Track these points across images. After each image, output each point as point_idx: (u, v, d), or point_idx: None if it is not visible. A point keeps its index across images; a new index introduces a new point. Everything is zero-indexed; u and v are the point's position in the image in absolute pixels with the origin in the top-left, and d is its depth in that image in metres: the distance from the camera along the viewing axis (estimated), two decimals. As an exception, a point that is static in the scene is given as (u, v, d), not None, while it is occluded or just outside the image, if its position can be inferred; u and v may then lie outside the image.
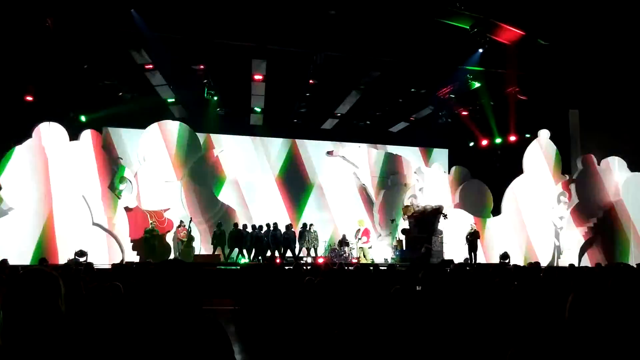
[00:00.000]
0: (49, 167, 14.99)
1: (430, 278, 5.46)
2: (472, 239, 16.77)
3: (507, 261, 15.73)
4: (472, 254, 16.70)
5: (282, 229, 16.84)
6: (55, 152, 15.14)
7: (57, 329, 2.09)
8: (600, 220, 17.19)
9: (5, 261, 10.32)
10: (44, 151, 15.00)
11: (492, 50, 15.50)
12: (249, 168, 20.13)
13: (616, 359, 2.01)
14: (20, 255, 13.67)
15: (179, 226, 16.56)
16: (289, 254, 16.69)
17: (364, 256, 17.38)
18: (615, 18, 13.84)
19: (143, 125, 17.86)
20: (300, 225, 18.04)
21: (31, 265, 12.21)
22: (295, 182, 20.58)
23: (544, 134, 18.34)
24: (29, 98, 15.34)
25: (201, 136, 18.69)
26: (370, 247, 18.06)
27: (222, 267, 14.70)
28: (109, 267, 12.44)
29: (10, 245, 13.75)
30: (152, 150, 17.58)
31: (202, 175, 18.09)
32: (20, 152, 14.74)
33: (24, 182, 14.60)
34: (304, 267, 11.80)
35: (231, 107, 18.94)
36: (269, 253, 16.28)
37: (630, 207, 17.17)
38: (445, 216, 17.56)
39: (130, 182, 16.84)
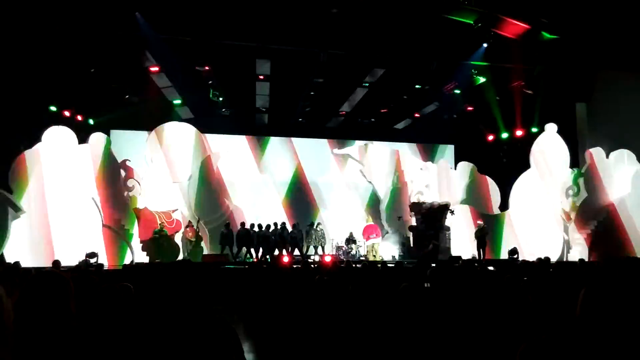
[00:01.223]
0: (59, 170, 15.10)
1: (438, 275, 5.46)
2: (481, 235, 16.71)
3: (515, 257, 15.68)
4: (481, 250, 16.64)
5: (289, 228, 16.86)
6: (65, 155, 15.25)
7: (68, 331, 2.11)
8: (610, 214, 17.06)
9: (17, 264, 10.40)
10: (53, 155, 15.10)
11: (496, 44, 15.42)
12: (254, 168, 20.16)
13: (630, 356, 2.00)
14: (32, 257, 13.80)
15: (187, 226, 16.62)
16: (296, 252, 16.71)
17: (374, 254, 17.13)
18: (622, 10, 13.73)
19: (150, 127, 17.94)
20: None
21: (44, 268, 12.32)
22: (300, 181, 20.59)
23: (551, 127, 18.22)
24: (38, 102, 15.43)
25: (207, 137, 18.73)
26: (376, 244, 17.89)
27: (230, 266, 14.75)
28: (119, 267, 12.52)
29: (23, 247, 13.88)
30: (159, 152, 17.66)
31: (208, 175, 18.14)
32: (31, 156, 14.86)
33: (35, 186, 14.72)
34: (312, 266, 11.81)
35: (236, 108, 18.98)
36: (276, 252, 16.31)
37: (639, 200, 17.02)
38: (452, 212, 17.51)
39: (138, 183, 16.94)
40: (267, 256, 16.09)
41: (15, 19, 12.69)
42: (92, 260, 13.52)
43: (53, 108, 15.87)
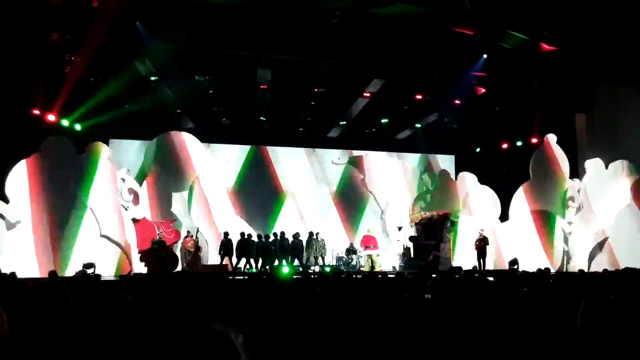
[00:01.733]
0: (57, 179, 15.06)
1: (439, 286, 5.44)
2: (481, 245, 16.65)
3: (516, 267, 15.62)
4: (481, 260, 16.57)
5: (290, 238, 16.81)
6: (63, 164, 15.22)
7: (65, 344, 2.09)
8: (609, 225, 17.04)
9: (13, 274, 10.33)
10: (51, 164, 15.08)
11: (497, 55, 15.50)
12: (254, 177, 20.17)
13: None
14: (29, 268, 13.74)
15: (186, 236, 16.57)
16: (296, 262, 16.65)
17: (372, 265, 17.00)
18: (621, 21, 13.81)
19: (149, 137, 17.95)
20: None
21: (40, 279, 12.27)
22: (301, 191, 20.59)
23: (551, 138, 18.25)
24: (36, 112, 15.46)
25: (207, 146, 18.74)
26: (378, 255, 17.82)
27: (230, 276, 14.68)
28: (117, 278, 12.46)
29: (19, 258, 13.81)
30: (159, 161, 17.64)
31: (208, 185, 18.12)
32: (28, 166, 14.83)
33: (32, 195, 14.68)
34: (312, 276, 11.75)
35: (236, 117, 19.01)
36: (276, 262, 16.24)
37: (639, 211, 17.00)
38: (452, 223, 17.47)
39: (137, 193, 16.91)
40: (267, 267, 16.03)
41: (15, 27, 12.74)
42: (90, 271, 13.43)
43: (51, 117, 15.88)
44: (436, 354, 3.45)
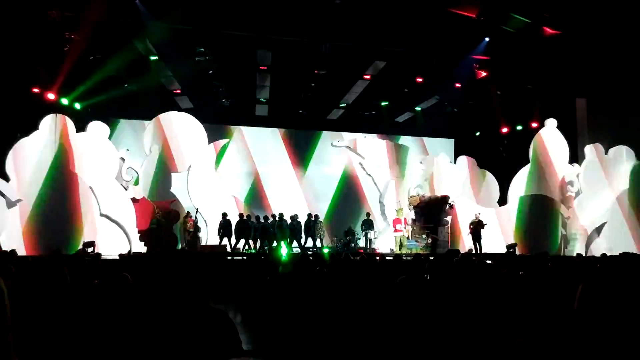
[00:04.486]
0: (57, 158, 15.05)
1: (436, 268, 5.47)
2: (476, 228, 16.68)
3: (513, 251, 15.72)
4: (477, 243, 16.62)
5: (288, 220, 16.87)
6: (63, 143, 15.19)
7: (64, 319, 2.10)
8: (608, 210, 17.11)
9: (14, 252, 10.39)
10: (51, 143, 15.05)
11: (498, 38, 15.39)
12: (253, 159, 20.16)
13: (627, 350, 2.00)
14: (29, 246, 13.80)
15: (186, 217, 16.61)
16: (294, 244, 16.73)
17: (400, 246, 17.06)
18: (623, 5, 13.68)
19: (149, 117, 17.89)
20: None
21: (41, 256, 12.36)
22: (300, 173, 20.60)
23: (551, 122, 18.19)
24: (36, 90, 15.37)
25: (206, 127, 18.69)
26: (402, 237, 17.72)
27: (229, 257, 14.76)
28: (117, 257, 12.51)
29: (19, 236, 13.87)
30: (158, 142, 17.61)
31: (207, 165, 18.11)
32: (28, 144, 14.81)
33: (32, 174, 14.68)
34: (310, 258, 11.81)
35: (236, 98, 18.93)
36: (275, 243, 16.32)
37: (637, 196, 17.05)
38: (451, 206, 17.51)
39: (136, 173, 16.89)
40: (266, 247, 16.13)
41: (14, 5, 12.61)
42: (89, 250, 13.50)
43: (51, 96, 15.79)
44: (433, 334, 3.48)
